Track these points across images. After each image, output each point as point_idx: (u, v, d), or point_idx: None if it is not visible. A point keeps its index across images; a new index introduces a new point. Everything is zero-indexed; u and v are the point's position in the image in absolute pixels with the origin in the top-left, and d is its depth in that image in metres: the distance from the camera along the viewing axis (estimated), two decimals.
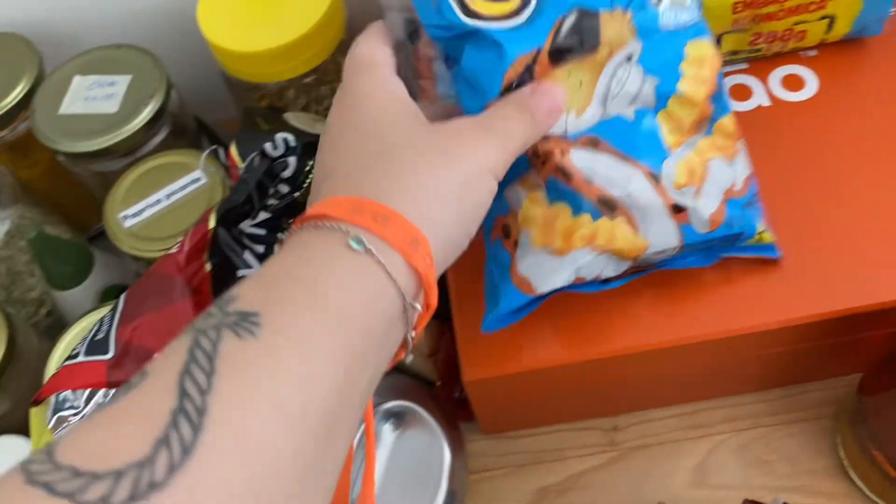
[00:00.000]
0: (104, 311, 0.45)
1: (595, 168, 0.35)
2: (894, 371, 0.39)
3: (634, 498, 0.45)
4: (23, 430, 0.43)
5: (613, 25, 0.34)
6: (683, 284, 0.40)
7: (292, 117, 0.46)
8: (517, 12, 0.34)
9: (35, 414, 0.39)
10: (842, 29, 0.44)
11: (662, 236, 0.36)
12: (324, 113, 0.51)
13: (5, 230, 0.47)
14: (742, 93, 0.45)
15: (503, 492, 0.46)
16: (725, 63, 0.45)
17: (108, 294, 0.48)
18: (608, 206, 0.35)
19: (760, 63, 0.45)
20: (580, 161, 0.35)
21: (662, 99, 0.35)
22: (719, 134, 0.36)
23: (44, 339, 0.48)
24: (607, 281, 0.39)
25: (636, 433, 0.47)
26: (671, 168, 0.35)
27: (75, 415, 0.40)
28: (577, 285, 0.38)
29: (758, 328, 0.38)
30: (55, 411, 0.39)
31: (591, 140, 0.35)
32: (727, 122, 0.36)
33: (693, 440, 0.46)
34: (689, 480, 0.45)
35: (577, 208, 0.35)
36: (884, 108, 0.43)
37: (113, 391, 0.39)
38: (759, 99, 0.44)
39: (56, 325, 0.50)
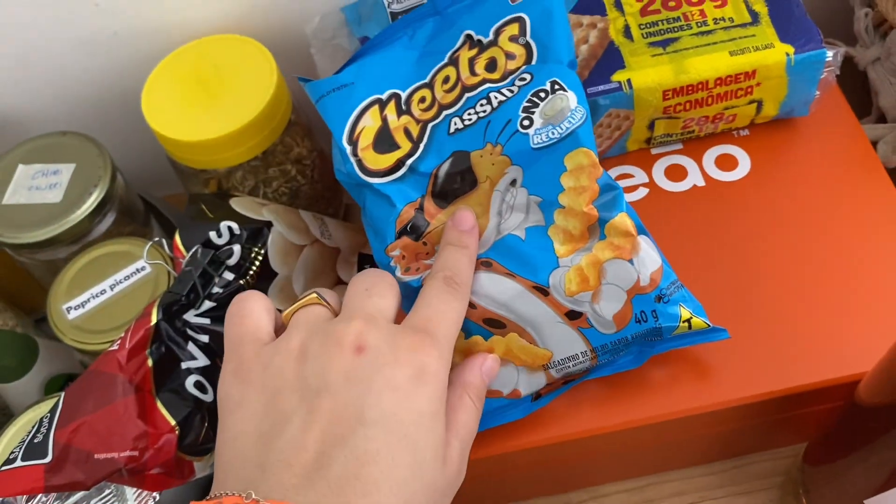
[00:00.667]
0: (49, 404, 0.45)
1: (483, 293, 0.37)
2: (838, 443, 0.40)
3: None
4: None
5: (486, 161, 0.38)
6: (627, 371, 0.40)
7: (237, 203, 0.47)
8: (397, 167, 0.39)
9: None
10: (770, 112, 0.45)
11: (564, 343, 0.37)
12: (272, 195, 0.52)
13: None
14: (677, 173, 0.46)
15: None
16: (659, 144, 0.47)
17: (53, 384, 0.47)
18: (495, 326, 0.37)
19: (694, 143, 0.47)
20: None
21: (549, 214, 0.37)
22: (613, 235, 0.37)
23: None
24: (538, 397, 0.39)
25: None
26: (560, 278, 0.37)
27: None
28: (505, 407, 0.38)
29: (701, 409, 0.39)
30: None
31: (485, 262, 0.37)
32: (619, 221, 0.37)
33: None
34: None
35: (466, 332, 0.37)
36: (815, 184, 0.45)
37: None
38: (695, 179, 0.46)
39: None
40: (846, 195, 0.44)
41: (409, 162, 0.39)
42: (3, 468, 0.37)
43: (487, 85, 0.39)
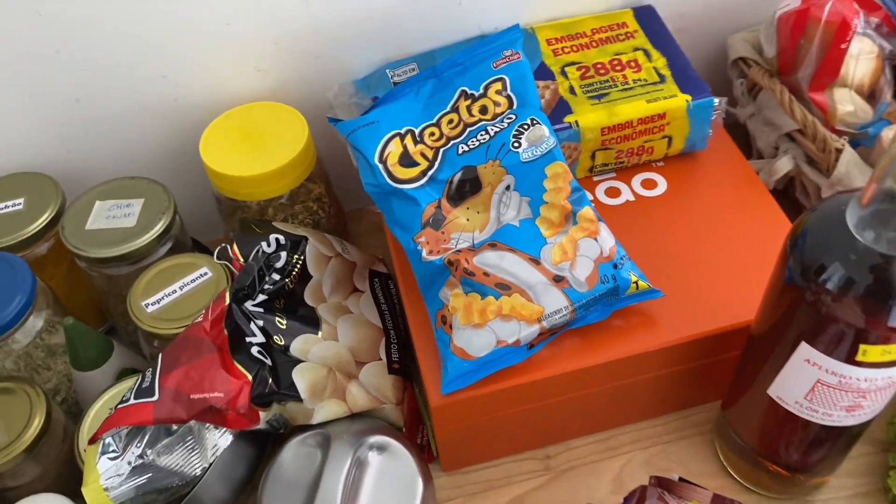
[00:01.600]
0: (122, 387, 0.55)
1: (491, 264, 0.50)
2: (740, 389, 0.53)
3: None
4: (50, 491, 0.50)
5: (489, 171, 0.54)
6: (588, 329, 0.53)
7: (279, 224, 0.59)
8: (420, 177, 0.54)
9: (89, 452, 0.47)
10: (678, 146, 0.62)
11: (552, 300, 0.50)
12: (299, 226, 0.64)
13: (38, 328, 0.56)
14: (614, 193, 0.61)
15: None
16: (599, 173, 0.62)
17: (122, 375, 0.57)
18: (504, 288, 0.50)
19: (625, 172, 0.62)
20: (480, 262, 0.51)
21: (536, 209, 0.52)
22: (582, 221, 0.52)
23: (67, 420, 0.56)
24: (532, 346, 0.52)
25: (564, 458, 0.58)
26: (547, 252, 0.51)
27: (116, 457, 0.48)
28: (508, 354, 0.51)
29: (648, 348, 0.52)
30: (102, 453, 0.48)
31: (491, 244, 0.52)
32: (586, 212, 0.52)
33: (609, 459, 0.58)
34: (610, 489, 0.57)
35: (483, 294, 0.50)
36: (713, 197, 0.60)
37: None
38: (626, 196, 0.61)
39: (70, 412, 0.58)
40: (736, 202, 0.60)
41: (430, 173, 0.53)
42: (119, 406, 0.47)
43: (483, 122, 0.55)
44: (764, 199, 0.60)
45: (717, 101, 0.60)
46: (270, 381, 0.51)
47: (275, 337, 0.53)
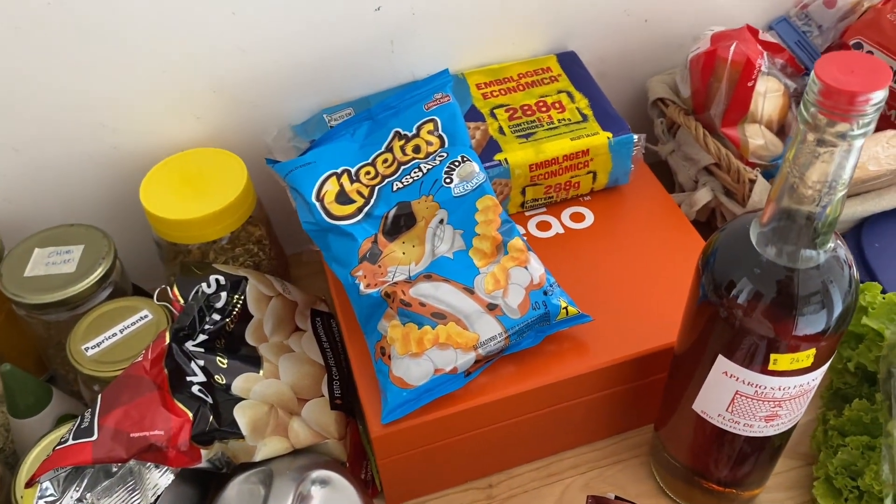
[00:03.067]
0: (60, 431, 0.54)
1: (427, 294, 0.52)
2: (669, 409, 0.55)
3: None
4: None
5: (423, 206, 0.57)
6: (523, 355, 0.55)
7: (219, 265, 0.60)
8: (356, 214, 0.56)
9: (26, 497, 0.47)
10: (602, 180, 0.65)
11: (486, 327, 0.52)
12: (240, 267, 0.65)
13: None
14: (545, 226, 0.64)
15: None
16: (530, 208, 0.65)
17: (61, 422, 0.56)
18: (439, 317, 0.52)
19: (555, 206, 0.65)
20: (416, 293, 0.53)
21: (469, 240, 0.54)
22: (513, 251, 0.54)
23: (3, 469, 0.55)
24: (469, 373, 0.54)
25: (506, 487, 0.60)
26: (480, 281, 0.53)
27: (54, 502, 0.48)
28: (446, 382, 0.52)
29: (580, 371, 0.54)
30: (39, 498, 0.47)
31: (426, 275, 0.54)
32: (516, 242, 0.54)
33: (549, 485, 0.60)
34: None
35: (420, 324, 0.52)
36: (637, 227, 0.63)
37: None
38: (556, 229, 0.64)
39: (7, 462, 0.58)
40: (659, 233, 0.63)
41: (366, 209, 0.55)
42: (58, 447, 0.47)
43: (416, 160, 0.57)
44: (685, 228, 0.63)
45: (636, 137, 0.63)
46: (211, 418, 0.51)
47: (216, 376, 0.54)
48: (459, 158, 0.57)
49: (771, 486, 0.58)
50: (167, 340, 0.53)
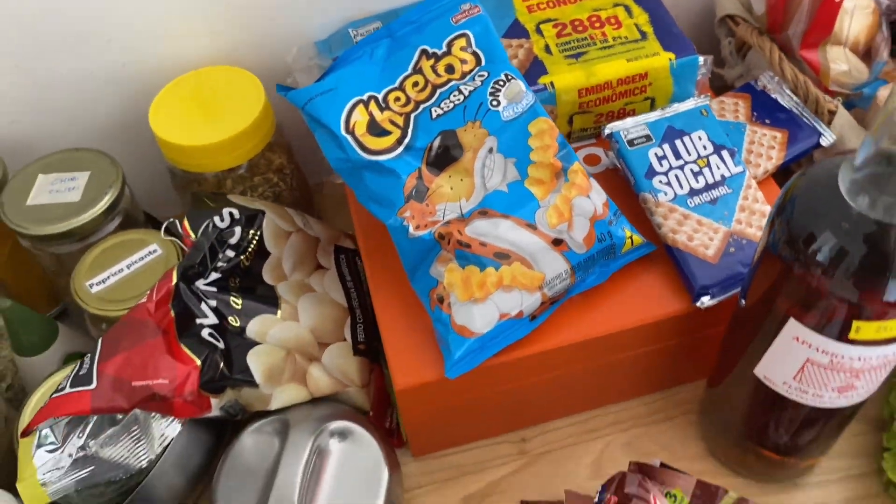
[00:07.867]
0: (65, 372, 0.51)
1: (485, 233, 0.46)
2: (725, 369, 0.50)
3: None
4: None
5: (469, 134, 0.50)
6: (580, 300, 0.50)
7: (234, 197, 0.55)
8: (395, 147, 0.49)
9: (23, 445, 0.44)
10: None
11: (552, 265, 0.47)
12: (258, 198, 0.60)
13: None
14: (593, 160, 0.57)
15: None
16: (577, 139, 0.58)
17: (69, 360, 0.53)
18: (502, 257, 0.46)
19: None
20: (473, 232, 0.47)
21: (523, 170, 0.48)
22: (574, 178, 0.48)
23: (8, 408, 0.52)
24: (534, 317, 0.48)
25: (541, 442, 0.55)
26: (542, 215, 0.47)
27: (55, 450, 0.45)
28: (512, 328, 0.47)
29: (638, 322, 0.49)
30: (38, 446, 0.45)
31: (482, 212, 0.48)
32: (576, 167, 0.48)
33: (588, 442, 0.55)
34: (588, 474, 0.54)
35: (481, 266, 0.46)
36: None
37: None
38: (607, 163, 0.57)
39: (16, 398, 0.55)
40: None
41: (406, 141, 0.49)
42: (55, 395, 0.44)
43: (453, 82, 0.50)
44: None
45: (702, 59, 0.56)
46: (222, 365, 0.48)
47: (229, 318, 0.50)
48: (503, 77, 0.50)
49: (833, 452, 0.53)
50: (174, 279, 0.49)
